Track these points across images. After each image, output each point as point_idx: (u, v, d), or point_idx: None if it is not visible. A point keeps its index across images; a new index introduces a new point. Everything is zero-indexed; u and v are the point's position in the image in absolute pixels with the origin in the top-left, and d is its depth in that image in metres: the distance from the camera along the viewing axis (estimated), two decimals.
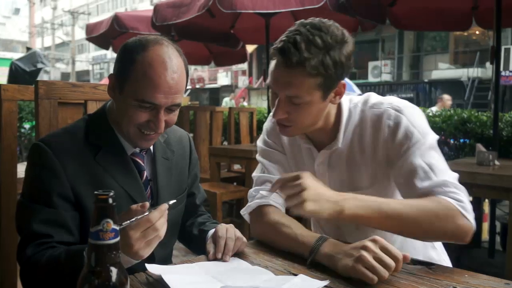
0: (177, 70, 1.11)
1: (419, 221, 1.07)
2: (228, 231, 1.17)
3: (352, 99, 1.29)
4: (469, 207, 1.10)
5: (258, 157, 1.42)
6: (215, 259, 1.11)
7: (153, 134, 1.16)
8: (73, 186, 1.10)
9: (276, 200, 1.30)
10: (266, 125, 1.43)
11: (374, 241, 0.97)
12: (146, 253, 0.96)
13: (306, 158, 1.35)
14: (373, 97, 1.27)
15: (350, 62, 1.14)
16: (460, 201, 1.09)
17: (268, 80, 1.19)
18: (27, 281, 1.09)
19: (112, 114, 1.21)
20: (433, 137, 1.18)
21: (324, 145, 1.30)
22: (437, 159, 1.15)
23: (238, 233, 1.18)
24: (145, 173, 1.24)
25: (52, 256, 1.03)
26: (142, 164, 1.23)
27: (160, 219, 0.95)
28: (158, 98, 1.08)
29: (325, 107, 1.20)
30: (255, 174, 1.39)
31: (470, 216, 1.09)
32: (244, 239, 1.19)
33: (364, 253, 0.94)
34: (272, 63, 1.15)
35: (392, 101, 1.22)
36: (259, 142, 1.43)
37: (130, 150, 1.21)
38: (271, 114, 1.40)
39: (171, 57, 1.10)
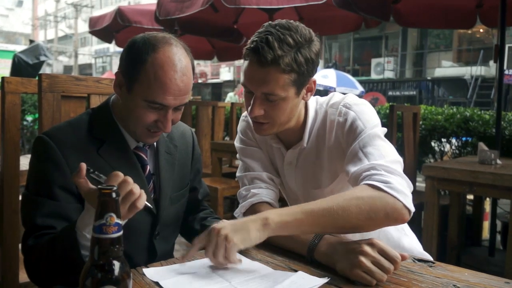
0: (186, 72, 1.12)
1: (348, 210, 1.03)
2: None
3: (318, 100, 1.34)
4: (398, 186, 1.06)
5: (239, 156, 1.43)
6: None
7: (159, 132, 1.17)
8: None
9: (270, 196, 1.31)
10: (240, 126, 1.46)
11: (371, 244, 0.97)
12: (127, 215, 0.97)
13: (278, 158, 1.40)
14: (335, 97, 1.31)
15: (318, 59, 1.20)
16: (385, 182, 1.06)
17: (242, 80, 1.20)
18: (31, 269, 1.10)
19: (116, 108, 1.21)
20: (379, 128, 1.21)
21: (292, 145, 1.34)
22: (377, 146, 1.16)
23: None
24: (148, 167, 1.24)
25: (50, 238, 1.04)
26: (145, 158, 1.24)
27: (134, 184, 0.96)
28: (168, 100, 1.10)
29: (299, 103, 1.25)
30: (240, 174, 1.40)
31: (399, 194, 1.05)
32: None
33: (362, 259, 0.94)
34: (245, 63, 1.18)
35: (347, 100, 1.27)
36: (237, 143, 1.45)
37: (133, 144, 1.22)
38: (243, 114, 1.44)
39: (181, 59, 1.11)
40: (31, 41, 8.42)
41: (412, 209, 1.07)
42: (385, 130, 1.23)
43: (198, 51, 6.77)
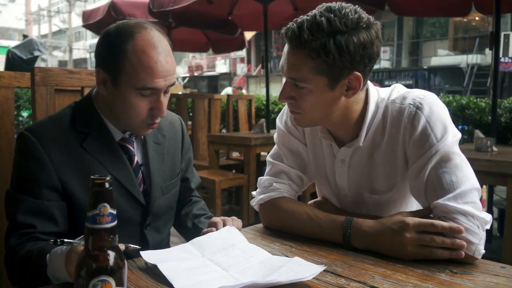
0: (168, 53, 1.11)
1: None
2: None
3: (380, 93, 1.19)
4: (480, 235, 1.00)
5: (276, 139, 1.34)
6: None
7: (156, 122, 1.16)
8: (60, 175, 1.09)
9: (290, 193, 1.28)
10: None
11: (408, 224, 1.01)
12: None
13: (327, 154, 1.27)
14: (396, 90, 1.18)
15: (365, 51, 1.04)
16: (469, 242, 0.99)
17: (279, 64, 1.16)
18: (8, 269, 1.10)
19: (99, 100, 1.19)
20: (452, 137, 1.08)
21: (345, 142, 1.21)
22: (451, 169, 1.05)
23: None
24: (136, 158, 1.23)
25: (28, 251, 1.04)
26: (132, 149, 1.22)
27: None
28: (158, 83, 1.09)
29: (336, 99, 1.11)
30: (271, 159, 1.33)
31: (480, 246, 1.00)
32: (239, 220, 1.24)
33: (407, 234, 1.00)
34: (284, 47, 1.13)
35: (415, 95, 1.13)
36: (279, 122, 1.34)
37: (119, 136, 1.20)
38: None
39: (160, 40, 1.10)
40: (25, 36, 8.36)
41: (480, 256, 1.00)
42: (459, 137, 1.10)
43: (193, 43, 6.74)
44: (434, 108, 1.11)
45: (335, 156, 1.25)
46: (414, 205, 1.25)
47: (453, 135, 1.09)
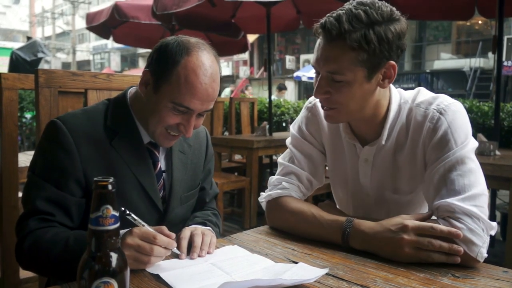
0: (216, 79, 1.12)
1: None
2: (195, 231, 1.14)
3: (403, 94, 1.22)
4: (482, 237, 0.99)
5: (288, 144, 1.37)
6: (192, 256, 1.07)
7: (177, 135, 1.17)
8: (85, 170, 1.09)
9: (297, 194, 1.29)
10: (303, 115, 1.37)
11: (406, 226, 1.01)
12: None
13: (349, 155, 1.30)
14: (422, 94, 1.20)
15: (399, 41, 1.08)
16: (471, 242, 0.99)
17: (311, 60, 1.16)
18: (24, 254, 1.06)
19: (134, 100, 1.20)
20: (470, 145, 1.10)
21: (368, 141, 1.24)
22: (464, 173, 1.06)
23: (205, 230, 1.16)
24: (159, 164, 1.23)
25: (58, 236, 1.02)
26: (157, 155, 1.23)
27: (163, 249, 0.97)
28: (195, 104, 1.09)
29: (372, 90, 1.13)
30: (282, 161, 1.35)
31: (483, 248, 1.00)
32: (212, 232, 1.18)
33: (405, 236, 1.00)
34: (317, 42, 1.12)
35: (440, 101, 1.15)
36: (293, 128, 1.38)
37: (147, 139, 1.20)
38: (309, 100, 1.36)
39: (212, 65, 1.11)
40: (29, 38, 8.39)
41: (482, 259, 1.00)
42: (476, 145, 1.13)
43: None
44: (458, 115, 1.13)
45: (359, 156, 1.27)
46: None
47: (472, 143, 1.12)
